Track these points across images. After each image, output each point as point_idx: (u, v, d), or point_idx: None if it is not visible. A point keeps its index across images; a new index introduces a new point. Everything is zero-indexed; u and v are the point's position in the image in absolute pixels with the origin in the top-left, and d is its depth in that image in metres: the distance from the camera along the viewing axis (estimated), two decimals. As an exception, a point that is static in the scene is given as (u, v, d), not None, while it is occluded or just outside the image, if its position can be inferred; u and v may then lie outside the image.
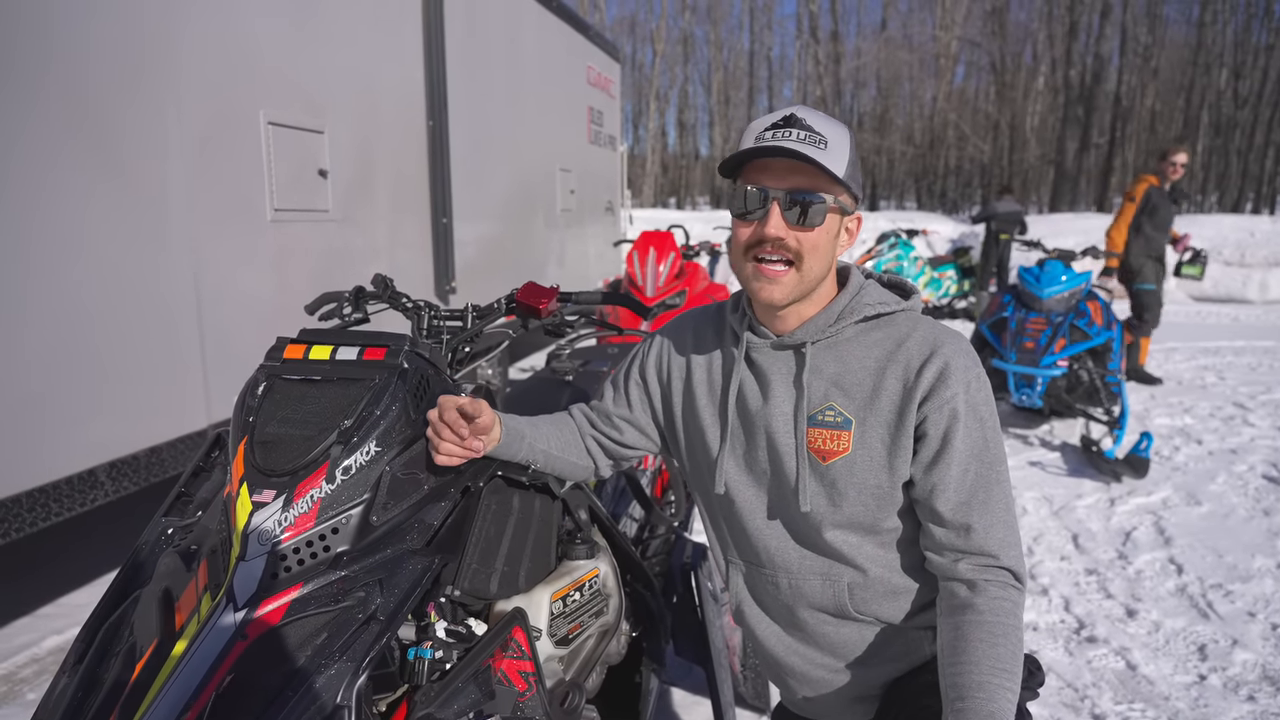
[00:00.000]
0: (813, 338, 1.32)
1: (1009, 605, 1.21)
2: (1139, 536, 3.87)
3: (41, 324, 2.54)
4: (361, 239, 4.11)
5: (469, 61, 5.14)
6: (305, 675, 1.13)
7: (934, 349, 1.26)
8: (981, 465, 1.26)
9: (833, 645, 1.37)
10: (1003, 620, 1.19)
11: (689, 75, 44.49)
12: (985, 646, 1.16)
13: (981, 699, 1.10)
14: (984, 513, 1.25)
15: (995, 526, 1.25)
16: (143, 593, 1.29)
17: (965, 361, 1.27)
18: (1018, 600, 1.23)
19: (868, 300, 1.33)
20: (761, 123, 1.28)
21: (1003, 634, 1.18)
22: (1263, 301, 13.28)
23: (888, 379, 1.27)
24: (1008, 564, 1.24)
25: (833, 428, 1.29)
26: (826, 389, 1.31)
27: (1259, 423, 5.80)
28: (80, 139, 2.64)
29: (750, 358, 1.38)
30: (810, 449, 1.31)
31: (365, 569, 1.25)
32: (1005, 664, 1.15)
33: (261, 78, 3.38)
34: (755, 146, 1.24)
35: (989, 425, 1.27)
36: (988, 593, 1.21)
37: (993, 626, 1.18)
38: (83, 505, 2.52)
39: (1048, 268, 5.34)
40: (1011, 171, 32.80)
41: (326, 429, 1.30)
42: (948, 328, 1.32)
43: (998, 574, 1.23)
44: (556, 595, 1.53)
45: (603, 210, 8.72)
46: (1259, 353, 8.61)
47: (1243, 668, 2.78)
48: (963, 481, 1.25)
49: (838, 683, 1.39)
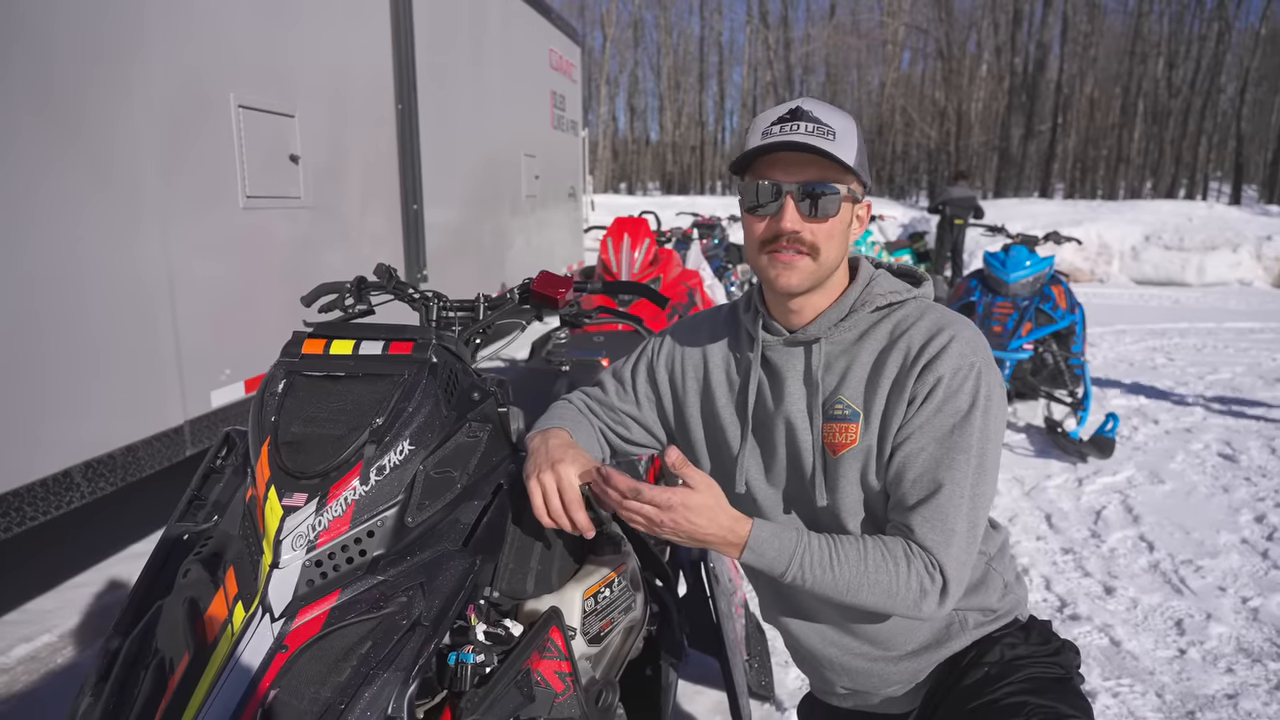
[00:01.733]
0: (825, 332, 1.31)
1: (890, 561, 1.19)
2: (1109, 515, 3.97)
3: (7, 319, 2.40)
4: (333, 226, 3.99)
5: (436, 43, 5.02)
6: (353, 686, 1.08)
7: (940, 328, 1.26)
8: (942, 450, 1.21)
9: (869, 634, 1.37)
10: (874, 551, 1.20)
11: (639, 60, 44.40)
12: (851, 544, 1.21)
13: (811, 536, 1.21)
14: (936, 505, 1.21)
15: (950, 518, 1.20)
16: (165, 603, 1.23)
17: (969, 347, 1.24)
18: (918, 585, 1.19)
19: (879, 290, 1.33)
20: (767, 117, 1.27)
21: (868, 552, 1.20)
22: (1200, 284, 13.77)
23: (889, 364, 1.27)
24: (939, 556, 1.20)
25: (842, 420, 1.29)
26: (838, 382, 1.31)
27: (1209, 402, 6.01)
28: (45, 123, 2.50)
29: (765, 356, 1.37)
30: (825, 443, 1.31)
31: (404, 573, 1.20)
32: (846, 554, 1.20)
33: (231, 58, 3.25)
34: (767, 143, 1.23)
35: (980, 410, 1.22)
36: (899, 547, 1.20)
37: (867, 542, 1.21)
38: (59, 508, 2.40)
39: (1013, 253, 5.43)
40: (958, 157, 33.40)
41: (357, 427, 1.24)
42: (958, 314, 1.32)
43: (926, 557, 1.20)
44: (589, 592, 1.49)
45: (565, 196, 8.63)
46: (1201, 334, 8.92)
47: (1219, 641, 2.87)
48: (930, 456, 1.22)
49: (878, 670, 1.39)
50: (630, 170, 45.44)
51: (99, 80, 2.69)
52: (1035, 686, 1.28)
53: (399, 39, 4.53)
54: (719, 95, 45.52)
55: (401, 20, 4.54)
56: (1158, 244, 14.36)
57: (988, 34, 35.37)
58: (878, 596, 1.19)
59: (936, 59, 37.18)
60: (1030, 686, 1.27)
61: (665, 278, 4.92)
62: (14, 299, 2.43)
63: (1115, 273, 14.47)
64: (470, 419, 1.35)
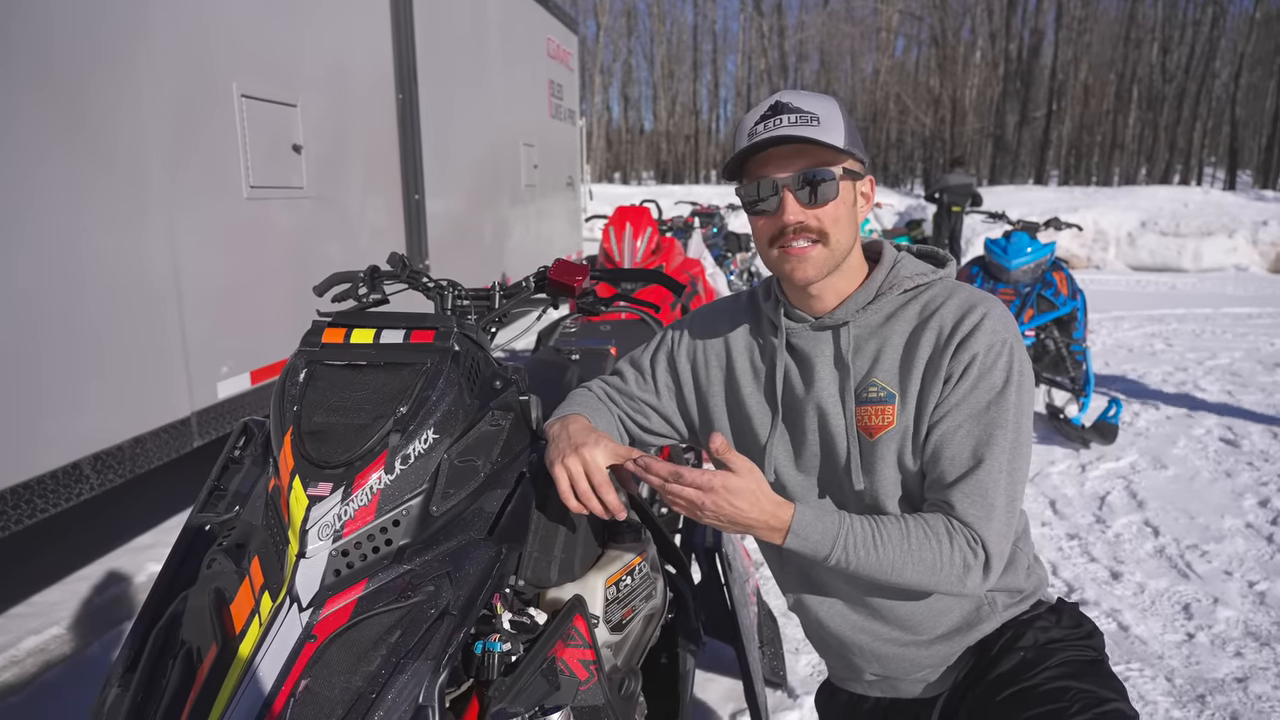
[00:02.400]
0: (853, 315, 1.31)
1: (934, 536, 1.20)
2: (1113, 501, 3.99)
3: (12, 312, 2.39)
4: (336, 216, 3.97)
5: (436, 32, 4.98)
6: (384, 675, 1.08)
7: (971, 306, 1.26)
8: (979, 426, 1.22)
9: (900, 618, 1.36)
10: (915, 528, 1.20)
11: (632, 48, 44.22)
12: (893, 523, 1.21)
13: (852, 517, 1.21)
14: (981, 485, 1.21)
15: (992, 498, 1.21)
16: (190, 594, 1.22)
17: (999, 324, 1.25)
18: (961, 561, 1.19)
19: (905, 273, 1.32)
20: (750, 118, 1.27)
21: (910, 529, 1.20)
22: (1196, 270, 13.79)
23: (922, 344, 1.27)
24: (980, 531, 1.20)
25: (877, 403, 1.29)
26: (870, 365, 1.30)
27: (1209, 387, 6.02)
28: (49, 116, 2.47)
29: (791, 343, 1.37)
30: (859, 427, 1.30)
31: (430, 562, 1.19)
32: (889, 533, 1.20)
33: (233, 48, 3.22)
34: (754, 142, 1.24)
35: (1014, 387, 1.23)
36: (940, 524, 1.21)
37: (908, 521, 1.21)
38: (68, 500, 2.39)
39: (1014, 239, 5.42)
40: (953, 144, 33.38)
41: (381, 416, 1.23)
42: (985, 293, 1.31)
43: (968, 533, 1.20)
44: (610, 580, 1.49)
45: (564, 185, 8.61)
46: (1200, 320, 8.94)
47: (1227, 625, 2.88)
48: (970, 433, 1.22)
49: (909, 655, 1.38)
50: (625, 160, 45.32)
51: (103, 71, 2.66)
52: (1074, 670, 1.28)
53: (399, 28, 4.50)
54: (713, 84, 45.40)
55: (401, 10, 4.51)
56: (1154, 230, 14.37)
57: (982, 20, 35.29)
58: (921, 574, 1.19)
59: (931, 46, 37.12)
60: (1069, 670, 1.27)
61: (668, 266, 4.91)
62: (20, 292, 2.41)
63: (1112, 259, 14.49)
64: (493, 407, 1.35)
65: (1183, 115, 32.95)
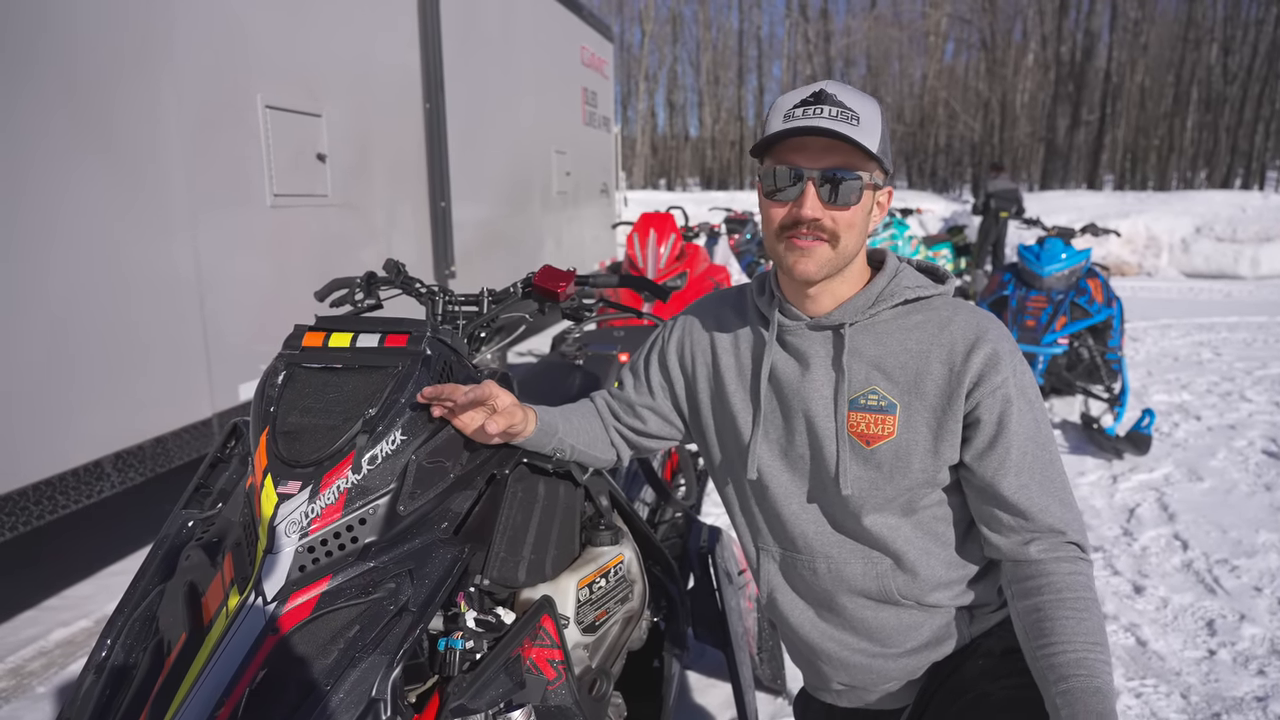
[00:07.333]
0: (851, 319, 1.30)
1: (1084, 579, 1.20)
2: (1143, 513, 3.89)
3: (42, 314, 2.50)
4: (361, 224, 4.06)
5: (465, 42, 5.07)
6: (339, 668, 1.11)
7: (979, 335, 1.25)
8: (1037, 446, 1.25)
9: (871, 630, 1.36)
10: (1082, 595, 1.18)
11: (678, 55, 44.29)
12: (1073, 623, 1.15)
13: (1084, 676, 1.10)
14: (1045, 491, 1.24)
15: (1056, 504, 1.24)
16: (167, 587, 1.27)
17: (1009, 346, 1.27)
18: (1089, 573, 1.22)
19: (906, 284, 1.31)
20: (789, 99, 1.24)
21: (1084, 608, 1.17)
22: (1254, 277, 13.34)
23: (932, 364, 1.25)
24: (1075, 538, 1.23)
25: (876, 411, 1.27)
26: (868, 372, 1.28)
27: (1256, 398, 5.83)
28: (78, 126, 2.59)
29: (783, 340, 1.35)
30: (851, 433, 1.28)
31: (394, 559, 1.23)
32: (1096, 637, 1.15)
33: (258, 61, 3.33)
34: (789, 127, 1.20)
35: (1037, 406, 1.28)
36: (1062, 569, 1.20)
37: (1075, 602, 1.17)
38: (89, 497, 2.49)
39: (1048, 246, 5.33)
40: (1002, 149, 32.77)
41: (351, 418, 1.27)
42: (985, 312, 1.31)
43: (1068, 549, 1.22)
44: (583, 582, 1.51)
45: (598, 192, 8.67)
46: (1253, 328, 8.65)
47: (1251, 642, 2.79)
48: (1022, 464, 1.24)
49: (876, 667, 1.37)
50: (669, 166, 45.37)
51: (129, 87, 2.77)
52: (1032, 681, 1.26)
53: (426, 39, 4.59)
54: (758, 90, 45.23)
55: (429, 20, 4.60)
56: (1209, 235, 13.94)
57: (1033, 23, 34.63)
58: (1098, 607, 1.21)
59: (980, 50, 36.52)
60: (1028, 681, 1.25)
61: (691, 273, 4.92)
62: (49, 297, 2.52)
63: (1164, 266, 14.08)
64: (463, 409, 1.37)
65: (1244, 117, 31.90)
